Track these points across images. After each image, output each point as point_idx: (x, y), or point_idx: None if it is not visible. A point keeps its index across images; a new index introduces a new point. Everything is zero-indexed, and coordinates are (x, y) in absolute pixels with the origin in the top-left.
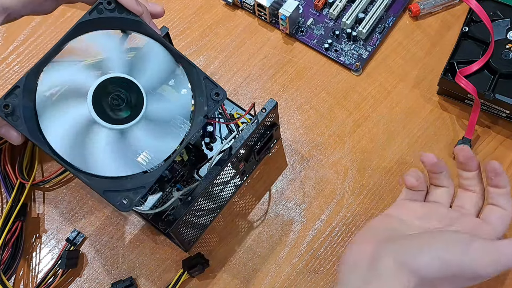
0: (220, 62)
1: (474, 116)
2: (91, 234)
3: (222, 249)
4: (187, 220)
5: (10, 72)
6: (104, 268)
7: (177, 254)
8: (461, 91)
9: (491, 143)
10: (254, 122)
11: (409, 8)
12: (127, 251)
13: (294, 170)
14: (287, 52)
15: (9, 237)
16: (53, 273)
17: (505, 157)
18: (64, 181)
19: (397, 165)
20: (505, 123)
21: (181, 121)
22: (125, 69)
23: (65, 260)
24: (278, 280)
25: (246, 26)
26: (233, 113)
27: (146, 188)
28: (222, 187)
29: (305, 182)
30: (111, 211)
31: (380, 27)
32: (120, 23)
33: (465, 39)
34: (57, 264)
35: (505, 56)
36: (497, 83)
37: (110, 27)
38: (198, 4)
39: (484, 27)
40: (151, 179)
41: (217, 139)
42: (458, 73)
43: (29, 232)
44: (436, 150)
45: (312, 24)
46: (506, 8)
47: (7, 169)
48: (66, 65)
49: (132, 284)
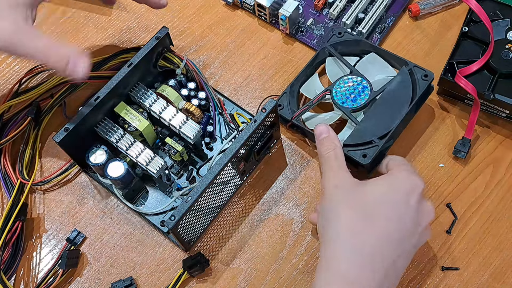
0: (220, 62)
1: (473, 116)
2: (91, 233)
3: (222, 248)
4: (187, 220)
5: (11, 72)
6: (104, 268)
7: (177, 253)
8: (460, 91)
9: (491, 143)
10: (254, 122)
11: (409, 8)
12: (127, 250)
13: (294, 170)
14: (287, 52)
15: (9, 237)
16: (54, 273)
17: (504, 157)
18: (64, 181)
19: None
20: (505, 123)
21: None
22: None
23: (66, 260)
24: (278, 280)
25: (246, 26)
26: (233, 113)
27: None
28: (222, 187)
29: (305, 182)
30: (111, 211)
31: (380, 27)
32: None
33: (465, 39)
34: (57, 264)
35: (504, 56)
36: (497, 83)
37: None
38: (198, 4)
39: (484, 27)
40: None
41: (217, 139)
42: (458, 73)
43: (29, 232)
44: (435, 150)
45: (312, 24)
46: (505, 8)
47: (8, 169)
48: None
49: (132, 284)
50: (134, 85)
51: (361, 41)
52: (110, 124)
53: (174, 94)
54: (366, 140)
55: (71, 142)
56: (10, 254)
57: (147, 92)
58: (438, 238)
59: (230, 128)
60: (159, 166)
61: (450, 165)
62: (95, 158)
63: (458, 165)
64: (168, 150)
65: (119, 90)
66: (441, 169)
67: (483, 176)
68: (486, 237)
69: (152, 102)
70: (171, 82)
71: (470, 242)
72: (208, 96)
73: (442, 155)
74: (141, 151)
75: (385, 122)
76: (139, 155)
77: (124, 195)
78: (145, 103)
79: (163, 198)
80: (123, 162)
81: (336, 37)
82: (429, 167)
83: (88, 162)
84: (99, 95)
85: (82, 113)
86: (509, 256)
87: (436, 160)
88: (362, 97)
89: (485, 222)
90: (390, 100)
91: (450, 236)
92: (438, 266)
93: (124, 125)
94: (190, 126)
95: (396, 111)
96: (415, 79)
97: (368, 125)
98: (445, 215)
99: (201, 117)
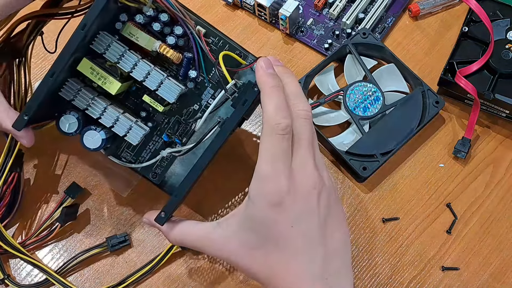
0: None
1: (473, 116)
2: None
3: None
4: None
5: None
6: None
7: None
8: (460, 91)
9: (491, 143)
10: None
11: (409, 8)
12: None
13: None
14: (287, 52)
15: (5, 188)
16: (50, 225)
17: (504, 157)
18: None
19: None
20: (505, 123)
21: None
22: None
23: (64, 214)
24: None
25: (246, 26)
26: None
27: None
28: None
29: None
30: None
31: (380, 27)
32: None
33: (465, 39)
34: (54, 218)
35: (504, 56)
36: (497, 83)
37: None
38: (198, 4)
39: (484, 27)
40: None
41: (205, 85)
42: (458, 73)
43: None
44: (435, 150)
45: (312, 24)
46: (505, 8)
47: None
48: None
49: (125, 240)
50: (95, 36)
51: (384, 48)
52: (74, 86)
53: (145, 38)
54: (368, 153)
55: (37, 120)
56: (7, 205)
57: (112, 43)
58: (438, 238)
59: (219, 73)
60: (140, 136)
61: (450, 165)
62: (68, 127)
63: (458, 165)
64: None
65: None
66: (441, 169)
67: (483, 176)
68: (486, 237)
69: (120, 56)
70: (138, 18)
71: (470, 242)
72: (186, 32)
73: (442, 155)
74: (117, 119)
75: (390, 139)
76: (116, 124)
77: (106, 153)
78: (112, 59)
79: (149, 143)
80: (99, 131)
81: (360, 36)
82: (429, 167)
83: (61, 132)
84: (54, 70)
85: (38, 94)
86: (509, 256)
87: (436, 160)
88: (374, 108)
89: (485, 222)
90: (399, 118)
91: (450, 236)
92: (438, 266)
93: (92, 84)
94: (169, 87)
95: (402, 131)
96: (426, 102)
97: (373, 138)
98: (445, 215)
99: (179, 59)
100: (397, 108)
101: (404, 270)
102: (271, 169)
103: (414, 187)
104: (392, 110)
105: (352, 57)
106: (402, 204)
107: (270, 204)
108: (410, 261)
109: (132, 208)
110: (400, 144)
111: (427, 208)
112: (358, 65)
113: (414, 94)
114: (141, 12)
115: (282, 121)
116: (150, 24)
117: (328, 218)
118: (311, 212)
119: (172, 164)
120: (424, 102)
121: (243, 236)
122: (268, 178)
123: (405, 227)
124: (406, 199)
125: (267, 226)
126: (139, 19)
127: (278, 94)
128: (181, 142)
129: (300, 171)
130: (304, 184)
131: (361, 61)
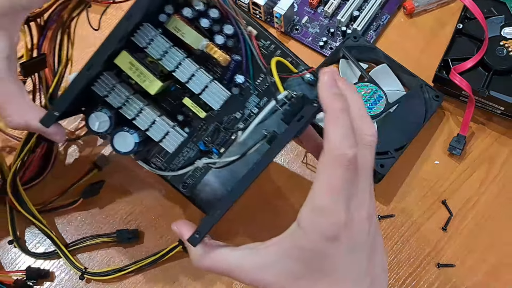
0: None
1: (468, 113)
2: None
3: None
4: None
5: None
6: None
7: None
8: (455, 88)
9: (486, 140)
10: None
11: (404, 6)
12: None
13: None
14: None
15: (38, 154)
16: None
17: (500, 154)
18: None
19: None
20: (500, 120)
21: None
22: None
23: (87, 190)
24: None
25: None
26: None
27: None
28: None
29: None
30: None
31: (374, 25)
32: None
33: (460, 36)
34: (75, 188)
35: (499, 53)
36: (492, 80)
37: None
38: None
39: (478, 24)
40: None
41: (251, 93)
42: (453, 70)
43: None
44: (430, 147)
45: (307, 22)
46: (500, 5)
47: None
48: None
49: (135, 236)
50: (137, 28)
51: (376, 50)
52: (109, 81)
53: (192, 35)
54: (383, 150)
55: (67, 115)
56: (37, 170)
57: (156, 37)
58: (434, 235)
59: (270, 81)
60: (178, 143)
61: (445, 162)
62: (98, 125)
63: (453, 162)
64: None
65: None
66: (436, 166)
67: (478, 173)
68: (481, 234)
69: (164, 52)
70: (186, 11)
71: (466, 239)
72: (237, 32)
73: (437, 152)
74: (153, 122)
75: (400, 135)
76: (151, 127)
77: (135, 157)
78: (154, 55)
79: (183, 149)
80: (133, 134)
81: (351, 40)
82: (424, 164)
83: (89, 130)
84: (92, 63)
85: (72, 90)
86: (505, 252)
87: (431, 157)
88: (378, 106)
89: (480, 219)
90: (405, 114)
91: (446, 233)
92: (433, 263)
93: (130, 80)
94: (214, 92)
95: (410, 126)
96: (426, 97)
97: (384, 136)
98: (441, 212)
99: (227, 62)
100: (401, 105)
101: (399, 267)
102: (330, 201)
103: (410, 184)
104: (396, 107)
105: (345, 61)
106: (398, 201)
107: (325, 237)
108: (405, 258)
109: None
110: (410, 139)
111: (422, 205)
112: (354, 67)
113: (414, 89)
114: (190, 5)
115: (348, 151)
116: (198, 19)
117: (373, 245)
118: (364, 243)
119: (205, 175)
120: (425, 97)
121: (288, 266)
122: (327, 210)
123: (401, 224)
124: (401, 196)
125: (319, 258)
126: (186, 12)
127: (345, 119)
128: (219, 152)
129: (358, 203)
130: (361, 217)
131: (357, 64)
